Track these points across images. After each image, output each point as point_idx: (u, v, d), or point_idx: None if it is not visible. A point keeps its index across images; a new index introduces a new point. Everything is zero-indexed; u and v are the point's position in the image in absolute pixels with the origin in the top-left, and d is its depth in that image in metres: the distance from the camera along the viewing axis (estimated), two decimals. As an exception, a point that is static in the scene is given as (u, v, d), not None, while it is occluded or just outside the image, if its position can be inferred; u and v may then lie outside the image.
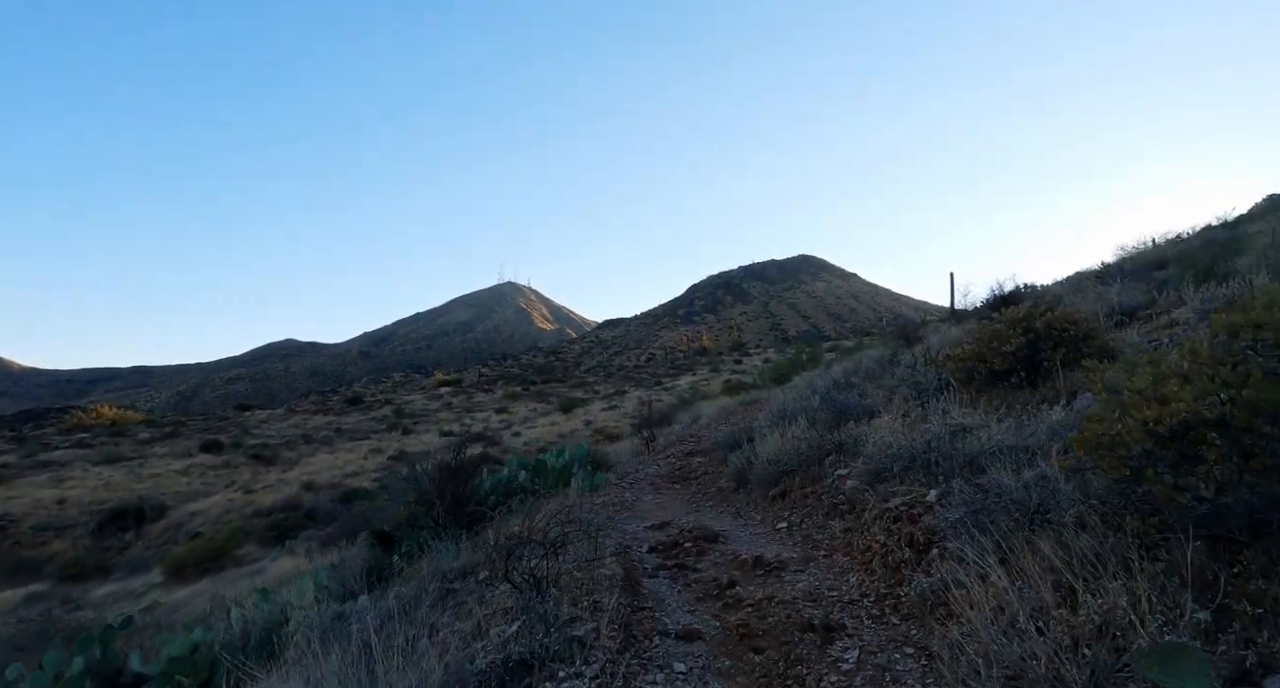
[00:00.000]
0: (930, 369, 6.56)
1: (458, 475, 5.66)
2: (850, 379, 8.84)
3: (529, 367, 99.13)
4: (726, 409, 12.14)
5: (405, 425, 43.14)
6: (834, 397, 7.20)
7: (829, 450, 5.64)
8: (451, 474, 5.60)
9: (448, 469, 5.68)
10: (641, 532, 5.85)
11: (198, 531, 26.46)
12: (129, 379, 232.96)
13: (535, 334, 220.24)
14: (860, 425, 6.12)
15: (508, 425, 41.70)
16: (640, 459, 10.07)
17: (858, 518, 4.74)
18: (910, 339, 10.52)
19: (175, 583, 12.78)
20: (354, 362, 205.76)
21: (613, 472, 8.96)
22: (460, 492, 5.59)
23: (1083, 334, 5.88)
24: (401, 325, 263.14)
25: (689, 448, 10.12)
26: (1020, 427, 4.51)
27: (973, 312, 12.88)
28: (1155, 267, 9.73)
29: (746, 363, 59.70)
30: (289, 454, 37.27)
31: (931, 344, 8.72)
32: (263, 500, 29.16)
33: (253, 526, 26.51)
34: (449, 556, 4.97)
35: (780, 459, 5.90)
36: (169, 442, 38.24)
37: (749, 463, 6.48)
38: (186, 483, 31.72)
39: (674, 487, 8.00)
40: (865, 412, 6.59)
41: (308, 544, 12.75)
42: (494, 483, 7.19)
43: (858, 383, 8.27)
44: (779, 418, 7.23)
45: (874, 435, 5.30)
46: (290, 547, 13.17)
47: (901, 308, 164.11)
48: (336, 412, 48.03)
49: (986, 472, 3.95)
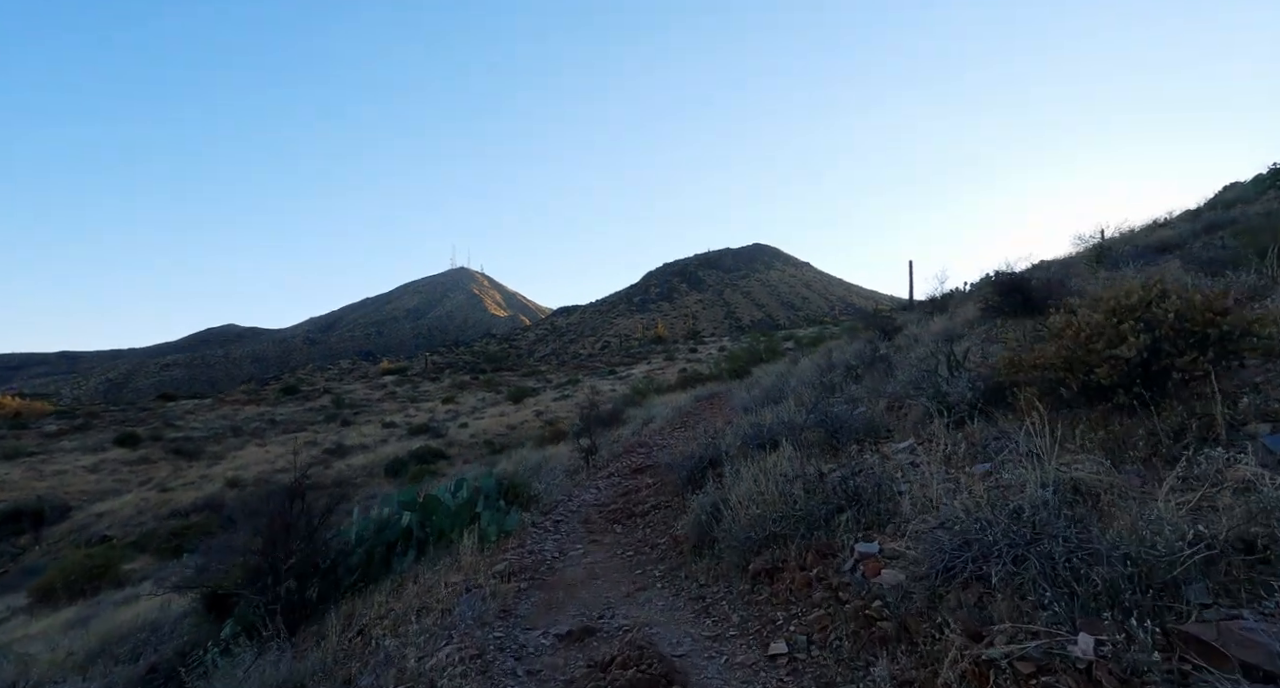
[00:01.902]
0: (963, 377, 4.81)
1: (294, 528, 4.14)
2: (827, 378, 7.53)
3: (481, 354, 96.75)
4: (682, 409, 10.55)
5: (345, 416, 40.91)
6: (827, 409, 5.60)
7: (839, 505, 3.70)
8: (287, 527, 4.08)
9: (284, 520, 4.14)
10: (548, 650, 3.70)
11: (104, 534, 24.14)
12: (55, 365, 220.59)
13: (488, 321, 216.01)
14: (867, 453, 4.61)
15: (454, 416, 39.96)
16: (577, 479, 8.12)
17: (921, 662, 2.66)
18: (888, 331, 9.46)
19: (43, 608, 11.01)
20: (299, 348, 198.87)
21: (536, 504, 7.03)
22: (306, 553, 4.05)
23: (1238, 330, 3.89)
24: (349, 311, 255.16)
25: (638, 461, 8.40)
26: (1186, 489, 2.78)
27: (940, 301, 11.94)
28: (1159, 249, 8.89)
29: (702, 351, 58.97)
30: (215, 448, 34.78)
31: (918, 336, 7.61)
32: (181, 499, 26.90)
33: (165, 529, 24.39)
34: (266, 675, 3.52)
35: (764, 517, 3.95)
36: (79, 435, 35.21)
37: (716, 512, 4.51)
38: (96, 481, 29.12)
39: (614, 529, 6.05)
40: (868, 430, 5.11)
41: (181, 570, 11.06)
42: (365, 530, 5.34)
43: (838, 383, 7.01)
44: (754, 437, 5.61)
45: (907, 485, 3.73)
46: (181, 563, 11.39)
47: (853, 297, 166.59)
48: (270, 402, 45.25)
49: (1186, 599, 2.27)
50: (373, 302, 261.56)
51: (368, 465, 30.67)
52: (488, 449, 30.92)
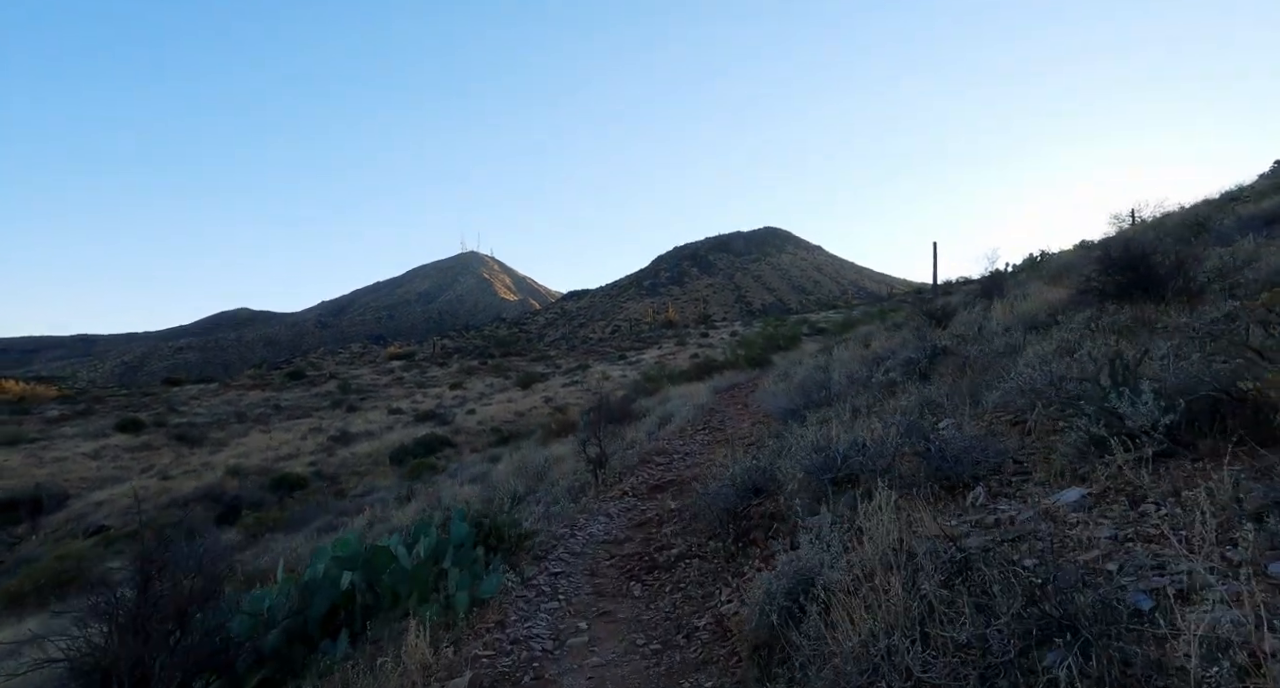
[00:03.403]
0: (1145, 390, 3.14)
1: (160, 613, 2.62)
2: (882, 376, 6.00)
3: (491, 338, 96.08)
4: (702, 405, 9.21)
5: (351, 402, 40.20)
6: (921, 427, 4.06)
7: (1031, 631, 1.97)
8: (151, 614, 2.78)
9: (135, 611, 2.62)
10: None
11: (101, 524, 23.52)
12: (72, 348, 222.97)
13: (498, 305, 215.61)
14: (1004, 501, 3.11)
15: (462, 402, 39.17)
16: (582, 502, 6.41)
17: None
18: (939, 319, 8.23)
19: (9, 615, 10.23)
20: (311, 332, 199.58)
21: (527, 548, 5.36)
22: (178, 645, 2.78)
23: None
24: (361, 295, 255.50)
25: (656, 475, 6.88)
26: None
27: (993, 281, 10.71)
28: (1267, 220, 7.68)
29: (713, 336, 57.75)
30: (218, 434, 34.16)
31: (979, 323, 6.40)
32: (181, 487, 26.22)
33: (167, 518, 23.76)
34: None
35: (888, 641, 2.18)
36: (82, 420, 34.64)
37: (794, 604, 2.86)
38: (96, 468, 28.52)
39: (632, 589, 4.56)
40: (994, 463, 3.47)
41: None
42: (285, 598, 3.76)
43: (897, 382, 5.62)
44: (822, 467, 3.95)
45: (1149, 596, 2.08)
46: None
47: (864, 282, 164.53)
48: (276, 387, 44.58)
49: None
50: (384, 285, 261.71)
51: (372, 453, 29.94)
52: (495, 437, 30.11)
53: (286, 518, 14.29)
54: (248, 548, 12.28)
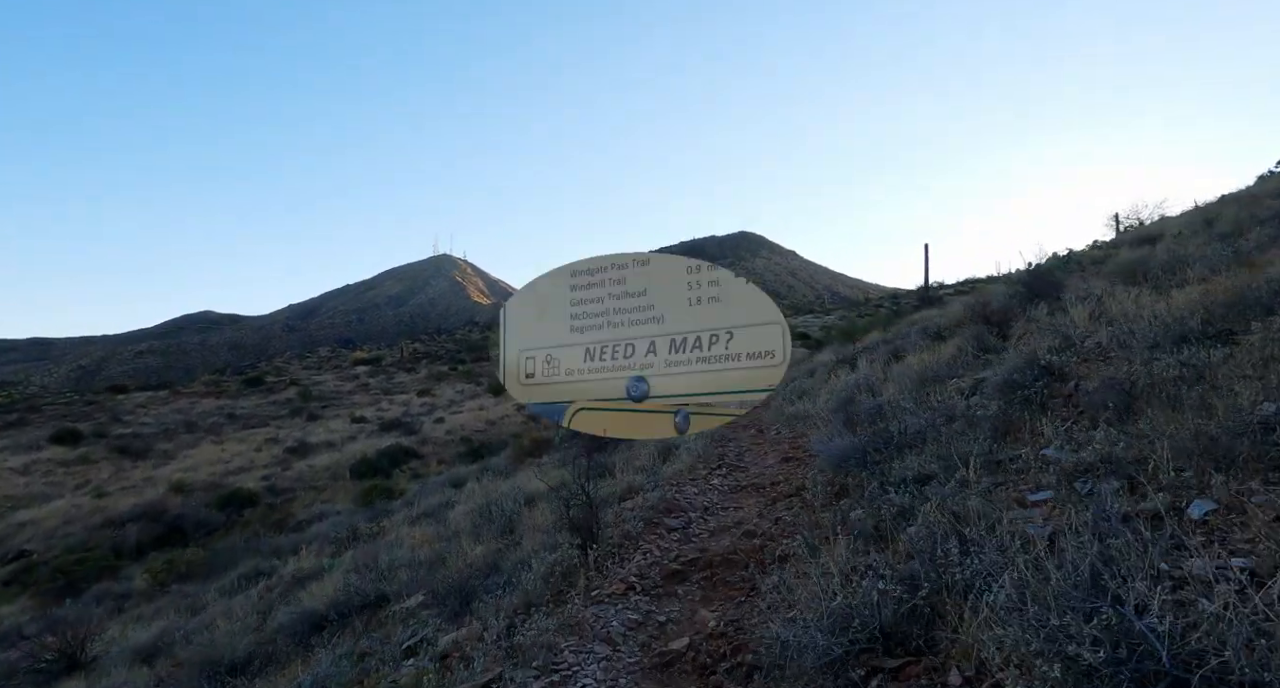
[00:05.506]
0: None
1: None
2: (976, 410, 4.35)
3: (463, 342, 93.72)
4: (709, 434, 7.16)
5: (311, 410, 38.04)
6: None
7: None
8: None
9: None
10: None
11: (23, 549, 21.26)
12: (27, 351, 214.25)
13: (471, 309, 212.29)
14: None
15: (430, 410, 37.32)
16: (568, 608, 3.74)
17: None
18: (1000, 325, 6.67)
19: None
20: (278, 335, 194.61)
21: None
22: None
23: None
24: (329, 298, 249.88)
25: (673, 547, 4.43)
26: None
27: (1041, 279, 9.40)
28: None
29: (692, 341, 56.42)
30: (165, 446, 31.85)
31: (1064, 332, 4.91)
32: (117, 506, 24.02)
33: (101, 540, 21.63)
34: None
35: None
36: (13, 431, 32.09)
37: None
38: (25, 484, 26.13)
39: None
40: None
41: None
42: None
43: (1014, 416, 3.96)
44: None
45: None
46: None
47: (839, 286, 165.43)
48: (231, 394, 42.15)
49: None
50: (354, 289, 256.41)
51: (332, 466, 27.95)
52: (464, 447, 28.37)
53: (205, 560, 12.40)
54: (142, 603, 10.32)
